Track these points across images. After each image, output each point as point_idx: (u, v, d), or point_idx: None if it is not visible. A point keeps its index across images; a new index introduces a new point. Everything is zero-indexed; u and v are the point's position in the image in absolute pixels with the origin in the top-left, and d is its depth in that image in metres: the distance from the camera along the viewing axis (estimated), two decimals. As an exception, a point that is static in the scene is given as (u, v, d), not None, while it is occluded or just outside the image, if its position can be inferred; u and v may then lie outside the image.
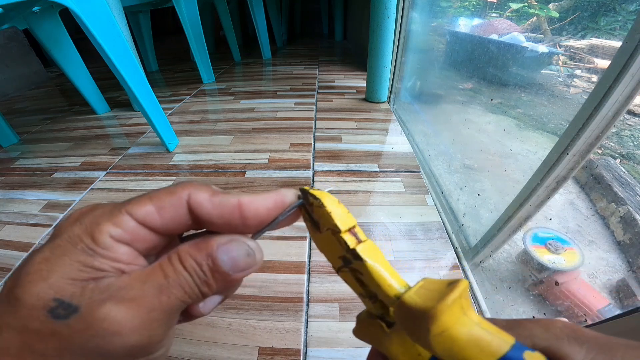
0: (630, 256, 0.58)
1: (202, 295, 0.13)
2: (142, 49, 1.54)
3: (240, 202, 0.14)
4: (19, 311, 0.11)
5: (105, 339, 0.11)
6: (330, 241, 0.14)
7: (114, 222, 0.13)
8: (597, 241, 0.62)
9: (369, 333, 0.15)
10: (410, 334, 0.12)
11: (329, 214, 0.14)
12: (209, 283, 0.13)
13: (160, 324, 0.12)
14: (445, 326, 0.11)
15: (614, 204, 0.66)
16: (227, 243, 0.14)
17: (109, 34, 0.62)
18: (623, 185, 0.68)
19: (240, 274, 0.14)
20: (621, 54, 0.28)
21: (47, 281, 0.11)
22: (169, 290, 0.12)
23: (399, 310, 0.13)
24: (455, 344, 0.11)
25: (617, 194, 0.67)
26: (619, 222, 0.63)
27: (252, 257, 0.14)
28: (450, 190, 0.64)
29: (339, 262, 0.15)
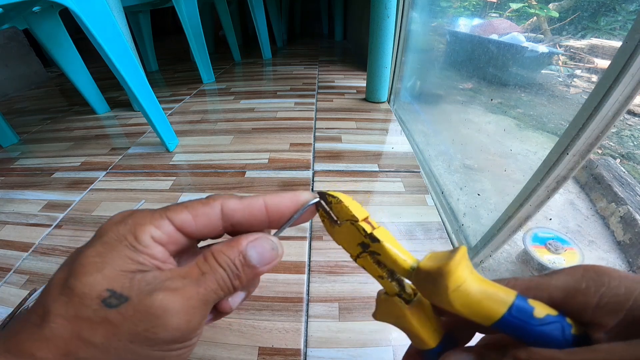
0: (630, 256, 0.58)
1: (234, 288, 0.15)
2: (142, 49, 1.54)
3: (265, 201, 0.16)
4: (72, 300, 0.13)
5: (152, 322, 0.13)
6: (348, 232, 0.17)
7: (155, 225, 0.15)
8: (597, 241, 0.62)
9: (389, 313, 0.17)
10: (430, 296, 0.14)
11: (347, 208, 0.17)
12: (240, 277, 0.15)
13: (197, 312, 0.14)
14: (460, 281, 0.13)
15: (614, 204, 0.66)
16: (255, 240, 0.16)
17: (109, 34, 0.62)
18: (623, 185, 0.68)
19: (266, 267, 0.16)
20: (621, 54, 0.28)
21: (102, 272, 0.13)
22: (206, 283, 0.14)
23: (417, 278, 0.15)
24: (471, 297, 0.13)
25: (617, 194, 0.67)
26: (619, 222, 0.63)
27: (275, 251, 0.16)
28: (450, 190, 0.64)
29: (357, 249, 0.17)
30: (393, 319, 0.17)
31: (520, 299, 0.13)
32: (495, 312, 0.13)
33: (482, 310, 0.13)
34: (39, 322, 0.13)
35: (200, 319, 0.14)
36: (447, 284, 0.13)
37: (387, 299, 0.17)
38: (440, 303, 0.13)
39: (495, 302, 0.13)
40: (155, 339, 0.13)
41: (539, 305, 0.13)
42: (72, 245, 0.53)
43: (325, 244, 0.51)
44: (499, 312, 0.13)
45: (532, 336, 0.12)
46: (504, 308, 0.13)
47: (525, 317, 0.12)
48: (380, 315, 0.17)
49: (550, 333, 0.12)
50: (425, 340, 0.16)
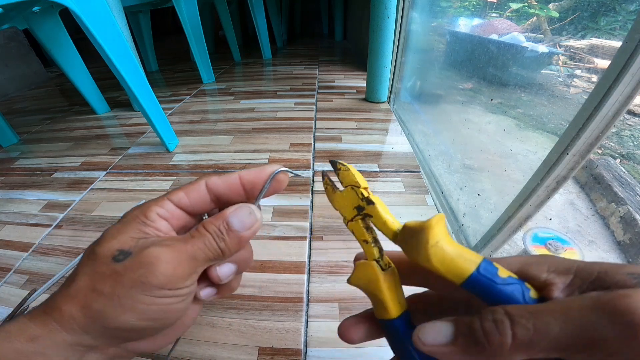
0: (630, 256, 0.58)
1: (221, 251, 0.18)
2: (142, 49, 1.54)
3: (239, 174, 0.20)
4: (93, 261, 0.17)
5: (146, 268, 0.16)
6: (348, 196, 0.19)
7: (159, 204, 0.19)
8: (597, 241, 0.62)
9: (363, 276, 0.18)
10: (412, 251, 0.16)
11: (352, 175, 0.19)
12: (224, 240, 0.18)
13: (184, 264, 0.17)
14: (437, 237, 0.15)
15: (614, 204, 0.66)
16: (235, 209, 0.19)
17: (109, 34, 0.62)
18: (623, 185, 0.68)
19: (248, 232, 0.19)
20: (621, 54, 0.28)
21: (116, 238, 0.17)
22: (193, 242, 0.17)
23: (402, 235, 0.17)
24: (446, 254, 0.15)
25: (617, 194, 0.67)
26: (619, 222, 0.63)
27: (253, 215, 0.19)
28: (450, 190, 0.64)
29: (353, 212, 0.19)
30: (366, 282, 0.18)
31: (486, 261, 0.15)
32: (466, 269, 0.14)
33: (455, 267, 0.15)
34: (68, 283, 0.17)
35: (187, 271, 0.17)
36: (427, 238, 0.15)
37: (365, 263, 0.19)
38: (420, 258, 0.15)
39: (466, 261, 0.15)
40: (148, 283, 0.16)
41: (502, 268, 0.15)
42: (72, 245, 0.53)
43: (325, 244, 0.51)
44: (469, 269, 0.14)
45: (497, 296, 0.14)
46: (473, 266, 0.14)
47: (491, 275, 0.14)
48: (355, 278, 0.19)
49: (512, 294, 0.14)
50: (389, 309, 0.17)
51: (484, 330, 0.13)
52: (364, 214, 0.19)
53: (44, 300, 0.17)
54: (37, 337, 0.15)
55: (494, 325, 0.13)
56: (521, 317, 0.12)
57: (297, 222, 0.54)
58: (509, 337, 0.12)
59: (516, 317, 0.12)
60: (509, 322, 0.12)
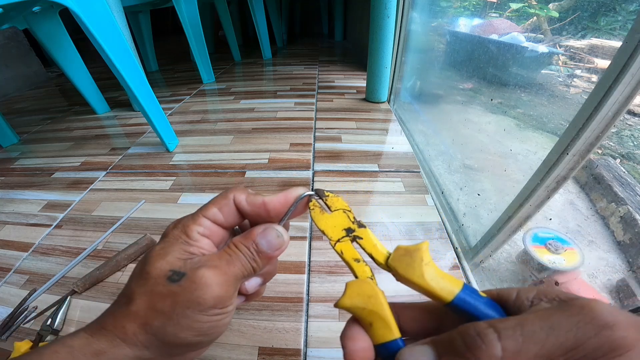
0: (630, 256, 0.58)
1: (253, 269, 0.19)
2: (142, 49, 1.54)
3: (264, 200, 0.20)
4: (148, 281, 0.17)
5: (202, 290, 0.17)
6: (338, 218, 0.20)
7: (198, 223, 0.19)
8: (597, 241, 0.62)
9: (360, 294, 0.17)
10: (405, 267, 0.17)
11: (343, 201, 0.21)
12: (255, 260, 0.19)
13: (230, 285, 0.18)
14: (429, 259, 0.17)
15: (614, 204, 0.66)
16: (263, 231, 0.20)
17: (109, 34, 0.62)
18: (623, 185, 0.68)
19: (277, 252, 0.20)
20: (621, 54, 0.28)
21: (165, 259, 0.18)
22: (233, 262, 0.19)
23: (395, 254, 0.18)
24: (437, 273, 0.16)
25: (617, 194, 0.66)
26: (619, 222, 0.63)
27: (281, 238, 0.20)
28: (450, 190, 0.64)
29: (341, 233, 0.20)
30: (364, 300, 0.17)
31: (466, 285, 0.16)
32: (455, 286, 0.16)
33: (445, 285, 0.16)
34: (126, 302, 0.17)
35: (232, 291, 0.19)
36: (422, 256, 0.17)
37: (359, 281, 0.18)
38: (414, 275, 0.16)
39: (452, 282, 0.16)
40: (203, 304, 0.17)
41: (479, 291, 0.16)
42: (72, 245, 0.53)
43: (326, 244, 0.51)
44: (457, 288, 0.16)
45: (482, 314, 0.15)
46: (459, 286, 0.16)
47: (475, 294, 0.15)
48: (349, 298, 0.17)
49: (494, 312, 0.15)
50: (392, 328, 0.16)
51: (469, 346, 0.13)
52: (353, 236, 0.19)
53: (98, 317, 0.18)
54: (102, 352, 0.16)
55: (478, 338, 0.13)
56: (508, 329, 0.13)
57: (297, 222, 0.54)
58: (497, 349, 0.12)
59: (502, 330, 0.13)
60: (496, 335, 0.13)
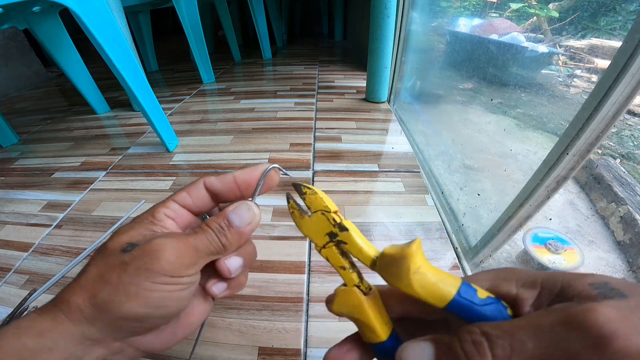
0: (630, 256, 0.58)
1: (223, 245, 0.19)
2: (142, 49, 1.54)
3: (233, 174, 0.21)
4: (104, 253, 0.18)
5: (150, 256, 0.17)
6: (318, 221, 0.18)
7: (165, 205, 0.20)
8: (597, 241, 0.62)
9: (346, 303, 0.18)
10: (392, 278, 0.16)
11: (321, 199, 0.18)
12: (225, 235, 0.19)
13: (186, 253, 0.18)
14: (419, 263, 0.15)
15: (614, 204, 0.66)
16: (235, 207, 0.20)
17: (109, 34, 0.62)
18: (623, 185, 0.68)
19: (248, 227, 0.20)
20: (621, 54, 0.28)
21: (126, 234, 0.18)
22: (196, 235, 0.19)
23: (381, 262, 0.16)
24: (427, 279, 0.15)
25: (617, 194, 0.67)
26: (619, 222, 0.63)
27: (251, 211, 0.20)
28: (450, 190, 0.64)
29: (325, 239, 0.18)
30: (349, 309, 0.18)
31: (465, 284, 0.15)
32: (448, 293, 0.15)
33: (437, 292, 0.15)
34: (78, 276, 0.18)
35: (189, 260, 0.18)
36: (409, 265, 0.15)
37: (345, 290, 0.18)
38: (402, 285, 0.15)
39: (447, 285, 0.15)
40: (152, 270, 0.16)
41: (480, 289, 0.15)
42: (72, 245, 0.53)
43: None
44: (451, 293, 0.15)
45: (478, 316, 0.14)
46: (454, 290, 0.15)
47: (471, 297, 0.15)
48: (337, 305, 0.18)
49: (492, 314, 0.14)
50: (377, 332, 0.17)
51: (465, 352, 0.13)
52: (337, 241, 0.18)
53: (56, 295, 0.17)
54: (45, 332, 0.15)
55: (474, 347, 0.13)
56: (498, 337, 0.13)
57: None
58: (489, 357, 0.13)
59: (493, 337, 0.13)
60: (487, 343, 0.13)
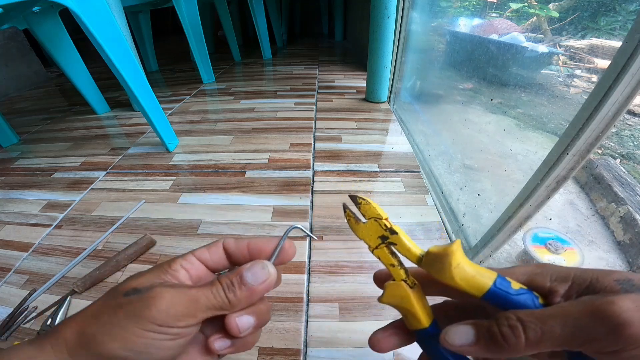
0: (630, 256, 0.58)
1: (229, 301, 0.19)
2: (142, 49, 1.54)
3: (248, 241, 0.22)
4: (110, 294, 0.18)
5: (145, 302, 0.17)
6: (372, 227, 0.21)
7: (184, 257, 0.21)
8: (597, 241, 0.62)
9: (394, 295, 0.21)
10: (437, 272, 0.19)
11: (374, 208, 0.21)
12: (235, 292, 0.19)
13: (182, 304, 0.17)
14: (458, 260, 0.18)
15: (614, 204, 0.66)
16: (251, 264, 0.20)
17: (109, 34, 0.62)
18: (623, 185, 0.68)
19: (262, 286, 0.19)
20: (621, 54, 0.28)
21: (136, 280, 0.19)
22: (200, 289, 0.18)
23: (427, 259, 0.19)
24: (467, 273, 0.18)
25: (617, 194, 0.66)
26: (619, 222, 0.63)
27: (266, 270, 0.20)
28: (450, 190, 0.64)
29: (377, 241, 0.21)
30: (398, 300, 0.21)
31: (500, 277, 0.18)
32: (485, 284, 0.17)
33: (475, 283, 0.18)
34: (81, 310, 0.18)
35: (184, 311, 0.17)
36: (450, 261, 0.18)
37: (394, 284, 0.21)
38: (445, 278, 0.18)
39: (484, 278, 0.18)
40: (141, 316, 0.16)
41: (514, 282, 0.18)
42: (72, 245, 0.53)
43: (325, 244, 0.51)
44: (487, 284, 0.17)
45: (512, 304, 0.17)
46: (490, 282, 0.17)
47: (506, 288, 0.17)
48: (386, 297, 0.21)
49: (525, 302, 0.17)
50: (421, 320, 0.20)
51: (502, 334, 0.16)
52: (388, 242, 0.21)
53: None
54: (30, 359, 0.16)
55: (509, 330, 0.16)
56: (530, 322, 0.15)
57: (297, 222, 0.54)
58: (522, 339, 0.15)
59: (526, 322, 0.16)
60: (521, 327, 0.16)
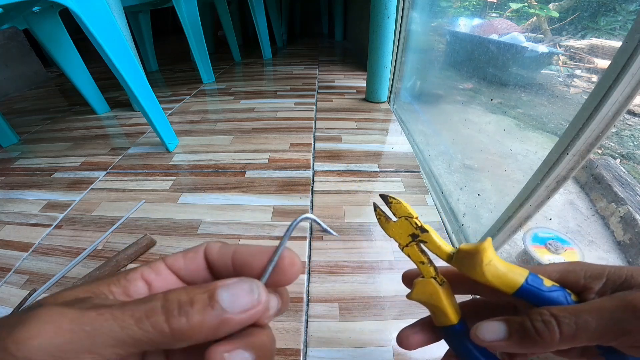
0: (630, 256, 0.58)
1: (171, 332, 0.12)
2: (142, 49, 1.54)
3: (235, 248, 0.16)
4: None
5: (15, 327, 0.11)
6: (402, 225, 0.22)
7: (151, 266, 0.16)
8: (597, 241, 0.62)
9: (424, 291, 0.21)
10: (469, 269, 0.19)
11: (405, 207, 0.22)
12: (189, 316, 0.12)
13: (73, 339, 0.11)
14: (490, 257, 0.18)
15: (614, 204, 0.66)
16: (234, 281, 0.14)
17: (109, 34, 0.62)
18: (623, 185, 0.68)
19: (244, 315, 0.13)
20: (621, 54, 0.28)
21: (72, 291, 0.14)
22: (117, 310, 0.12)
23: (457, 256, 0.20)
24: (499, 270, 0.18)
25: (617, 194, 0.67)
26: (619, 222, 0.63)
27: (253, 294, 0.13)
28: (450, 190, 0.64)
29: (408, 239, 0.21)
30: (427, 297, 0.21)
31: (532, 274, 0.18)
32: (516, 281, 0.18)
33: (507, 280, 0.18)
34: None
35: (73, 347, 0.11)
36: (482, 258, 0.18)
37: (424, 281, 0.21)
38: (476, 275, 0.18)
39: (516, 275, 0.18)
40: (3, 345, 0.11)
41: (546, 279, 0.18)
42: (72, 245, 0.53)
43: (325, 244, 0.51)
44: (519, 281, 0.18)
45: (545, 301, 0.17)
46: (522, 279, 0.18)
47: (538, 285, 0.18)
48: (415, 294, 0.21)
49: (557, 299, 0.17)
50: (450, 316, 0.20)
51: (536, 329, 0.16)
52: (418, 240, 0.21)
53: None
54: None
55: (544, 325, 0.16)
56: (565, 317, 0.16)
57: (300, 223, 0.54)
58: (557, 333, 0.16)
59: (561, 318, 0.16)
60: (555, 322, 0.16)
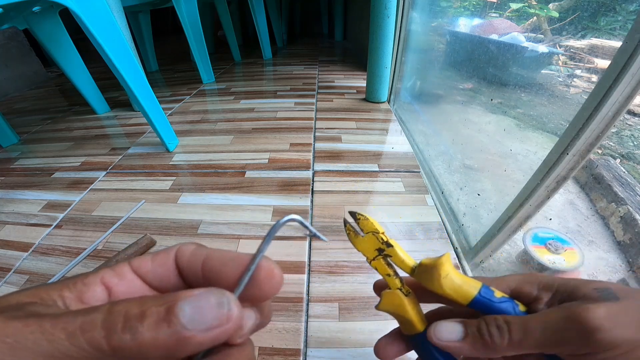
0: (630, 256, 0.58)
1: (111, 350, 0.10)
2: (142, 49, 1.54)
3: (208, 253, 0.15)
4: None
5: None
6: (369, 240, 0.23)
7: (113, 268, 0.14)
8: (597, 241, 0.62)
9: (391, 302, 0.23)
10: (428, 282, 0.21)
11: (372, 223, 0.24)
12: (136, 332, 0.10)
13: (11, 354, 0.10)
14: (447, 271, 0.20)
15: (614, 204, 0.66)
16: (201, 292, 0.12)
17: (109, 34, 0.62)
18: (623, 185, 0.68)
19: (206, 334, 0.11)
20: (621, 54, 0.28)
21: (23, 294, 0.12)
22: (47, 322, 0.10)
23: (419, 270, 0.22)
24: (455, 283, 0.20)
25: (617, 194, 0.66)
26: (619, 222, 0.63)
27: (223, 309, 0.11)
28: (450, 190, 0.64)
29: (374, 253, 0.23)
30: (393, 307, 0.23)
31: (485, 286, 0.20)
32: (470, 293, 0.20)
33: (462, 292, 0.20)
34: None
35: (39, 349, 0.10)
36: (440, 272, 0.20)
37: (390, 292, 0.23)
38: (434, 287, 0.20)
39: (470, 287, 0.20)
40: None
41: (497, 291, 0.20)
42: (72, 245, 0.53)
43: (325, 244, 0.51)
44: (473, 293, 0.20)
45: (495, 311, 0.19)
46: (475, 291, 0.20)
47: (490, 296, 0.20)
48: (383, 305, 0.23)
49: (506, 309, 0.19)
50: (416, 325, 0.22)
51: (490, 333, 0.18)
52: (384, 254, 0.23)
53: None
54: None
55: (497, 330, 0.18)
56: (515, 324, 0.18)
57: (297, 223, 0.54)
58: (507, 339, 0.18)
59: (512, 325, 0.18)
60: (507, 328, 0.18)
